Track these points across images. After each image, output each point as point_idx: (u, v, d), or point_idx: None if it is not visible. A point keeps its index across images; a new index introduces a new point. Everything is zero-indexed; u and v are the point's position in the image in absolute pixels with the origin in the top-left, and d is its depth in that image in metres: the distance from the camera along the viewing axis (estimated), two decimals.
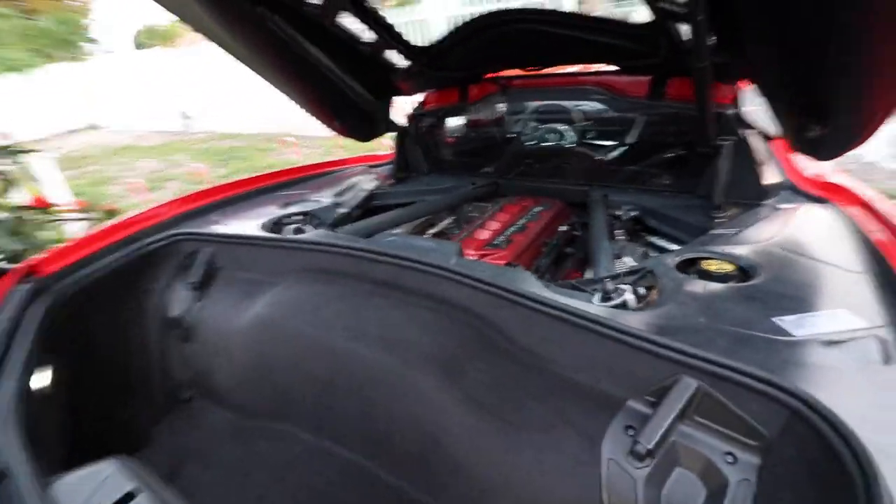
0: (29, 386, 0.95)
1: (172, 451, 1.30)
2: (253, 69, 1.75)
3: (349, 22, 1.65)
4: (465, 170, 2.28)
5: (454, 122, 2.30)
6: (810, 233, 1.25)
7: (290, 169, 2.25)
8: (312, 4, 1.43)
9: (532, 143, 2.18)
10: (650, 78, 1.74)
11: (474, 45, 1.73)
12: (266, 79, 1.81)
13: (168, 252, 1.44)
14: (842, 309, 0.89)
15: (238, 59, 1.68)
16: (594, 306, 0.96)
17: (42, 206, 2.20)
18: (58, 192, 3.44)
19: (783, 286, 0.97)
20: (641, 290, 1.03)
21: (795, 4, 0.89)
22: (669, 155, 1.90)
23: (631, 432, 0.77)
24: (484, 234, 1.61)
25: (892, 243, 1.11)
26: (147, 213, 1.63)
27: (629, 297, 1.00)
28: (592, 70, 2.04)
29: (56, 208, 2.32)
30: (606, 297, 1.01)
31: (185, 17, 1.50)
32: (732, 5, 1.02)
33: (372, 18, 1.58)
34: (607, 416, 0.80)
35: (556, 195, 1.97)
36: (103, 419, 1.28)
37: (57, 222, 2.27)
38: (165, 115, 12.37)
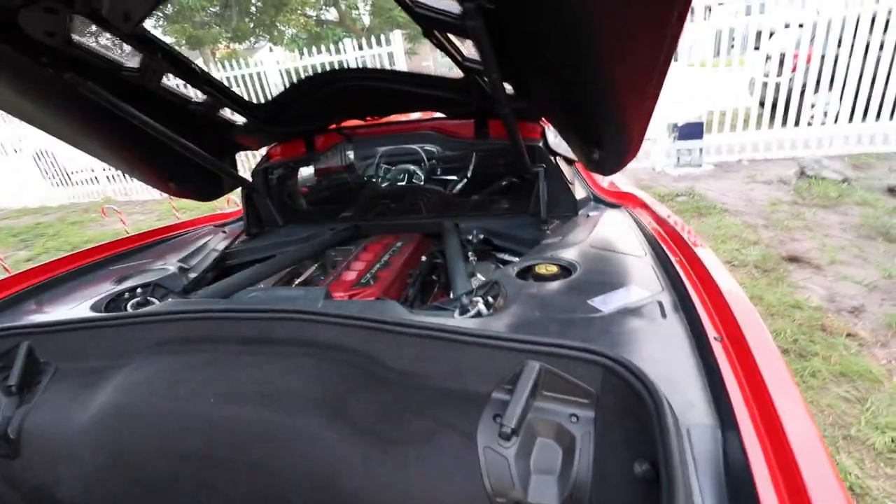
0: None
1: None
2: (65, 140, 1.58)
3: (177, 83, 1.61)
4: (322, 217, 2.31)
5: (305, 171, 2.33)
6: (609, 232, 1.59)
7: (123, 239, 2.03)
8: (131, 69, 1.37)
9: (384, 184, 2.33)
10: (474, 121, 2.03)
11: (309, 101, 1.81)
12: (82, 148, 1.64)
13: None
14: (633, 285, 1.16)
15: (46, 130, 1.51)
16: (453, 320, 1.09)
17: None
18: None
19: (594, 275, 1.23)
20: (490, 299, 1.19)
21: (555, 66, 1.18)
22: (502, 183, 2.21)
23: (498, 419, 0.89)
24: (350, 276, 1.66)
25: (662, 232, 1.48)
26: None
27: (481, 307, 1.15)
28: (428, 116, 2.28)
29: None
30: (464, 311, 1.16)
31: None
32: (515, 64, 1.30)
33: (200, 79, 1.56)
34: (479, 412, 0.92)
35: (413, 229, 2.11)
36: None
37: None
38: None
